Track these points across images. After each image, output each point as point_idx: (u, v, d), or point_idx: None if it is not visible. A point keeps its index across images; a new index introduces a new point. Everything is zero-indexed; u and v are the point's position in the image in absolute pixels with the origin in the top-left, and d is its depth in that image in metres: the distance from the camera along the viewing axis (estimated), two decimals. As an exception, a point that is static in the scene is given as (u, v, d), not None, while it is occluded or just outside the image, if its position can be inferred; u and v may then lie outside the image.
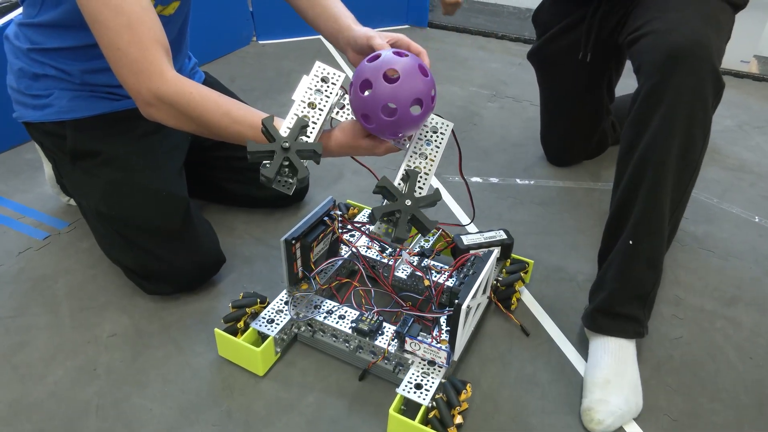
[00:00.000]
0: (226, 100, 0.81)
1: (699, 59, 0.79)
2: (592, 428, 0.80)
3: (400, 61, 0.73)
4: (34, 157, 1.40)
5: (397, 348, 0.84)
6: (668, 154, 0.82)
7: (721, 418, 0.84)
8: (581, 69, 1.27)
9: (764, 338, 0.98)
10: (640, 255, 0.86)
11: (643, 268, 0.86)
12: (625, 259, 0.87)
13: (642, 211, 0.85)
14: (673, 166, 0.82)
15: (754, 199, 1.37)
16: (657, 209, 0.84)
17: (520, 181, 1.41)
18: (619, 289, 0.88)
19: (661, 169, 0.82)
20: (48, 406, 0.82)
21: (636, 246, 0.86)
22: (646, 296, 0.87)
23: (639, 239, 0.85)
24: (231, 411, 0.82)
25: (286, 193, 0.75)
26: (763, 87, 1.99)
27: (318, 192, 1.32)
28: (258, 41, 2.22)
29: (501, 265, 1.02)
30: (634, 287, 0.87)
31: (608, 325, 0.89)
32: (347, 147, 0.81)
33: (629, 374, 0.84)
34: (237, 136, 0.80)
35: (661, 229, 0.85)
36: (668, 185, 0.83)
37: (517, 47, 2.28)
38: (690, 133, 0.81)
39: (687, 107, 0.80)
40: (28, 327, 0.95)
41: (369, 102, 0.72)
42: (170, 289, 1.00)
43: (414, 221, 0.76)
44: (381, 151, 0.83)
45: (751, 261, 1.16)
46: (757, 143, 1.62)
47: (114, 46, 0.77)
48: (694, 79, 0.79)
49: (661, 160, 0.82)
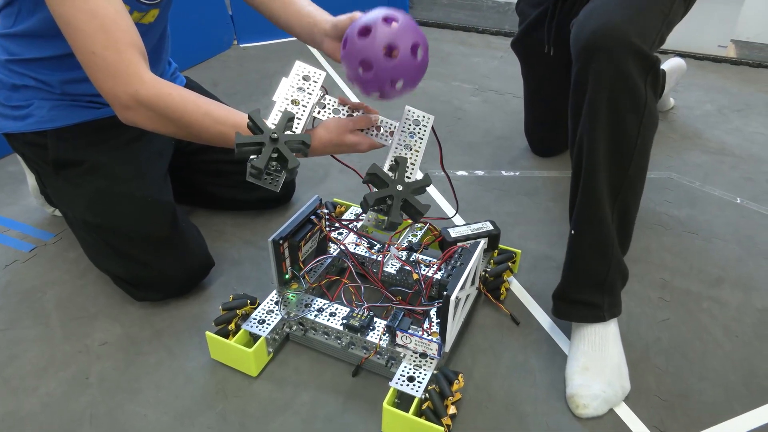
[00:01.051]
0: (206, 100, 0.81)
1: (613, 43, 0.77)
2: (579, 413, 0.81)
3: (396, 12, 0.73)
4: (17, 169, 1.39)
5: (389, 342, 0.84)
6: (597, 140, 0.81)
7: (710, 396, 0.86)
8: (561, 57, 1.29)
9: (750, 317, 1.00)
10: (583, 243, 0.87)
11: (590, 255, 0.87)
12: (571, 249, 0.89)
13: (580, 200, 0.85)
14: (603, 152, 0.81)
15: (735, 181, 1.39)
16: (593, 196, 0.84)
17: (506, 172, 1.42)
18: (570, 277, 0.90)
19: (592, 156, 0.82)
20: (42, 418, 0.82)
21: (578, 235, 0.87)
22: (601, 283, 0.87)
23: (579, 228, 0.87)
24: (226, 413, 0.82)
25: (274, 191, 0.76)
26: (742, 71, 2.01)
27: (304, 192, 1.32)
28: (239, 44, 2.21)
29: (489, 256, 1.03)
30: (584, 275, 0.88)
31: (567, 311, 0.91)
32: (331, 144, 0.82)
33: (609, 358, 0.85)
34: (219, 136, 0.80)
35: (600, 217, 0.84)
36: (601, 171, 0.82)
37: (498, 41, 2.30)
38: (617, 117, 0.80)
39: (608, 92, 0.79)
40: (18, 340, 0.94)
41: (369, 45, 0.71)
42: (160, 296, 1.00)
43: (406, 206, 0.76)
44: (365, 147, 0.84)
45: (734, 242, 1.18)
46: (737, 126, 1.64)
47: (89, 50, 0.76)
48: (612, 64, 0.78)
49: (591, 147, 0.82)
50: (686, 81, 1.88)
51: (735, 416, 0.83)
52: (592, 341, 0.87)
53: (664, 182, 1.38)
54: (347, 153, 0.84)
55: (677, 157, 1.48)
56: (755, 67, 2.03)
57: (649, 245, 1.16)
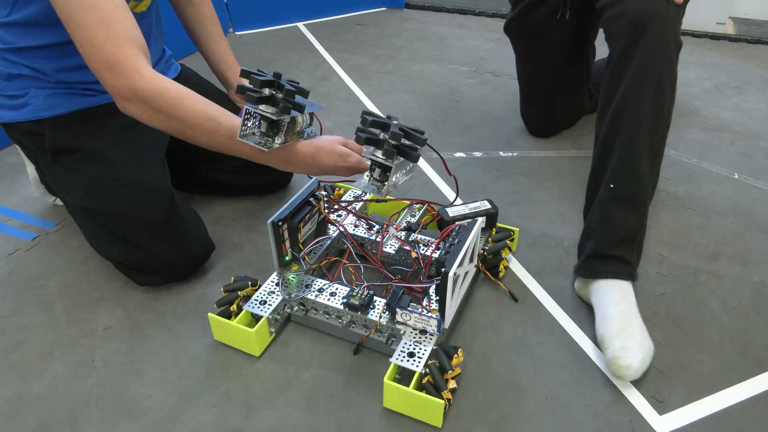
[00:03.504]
0: (203, 99, 0.82)
1: (664, 23, 0.89)
2: (623, 374, 0.82)
3: None
4: (17, 160, 1.40)
5: (389, 320, 0.85)
6: (641, 106, 0.91)
7: (707, 367, 0.87)
8: (560, 36, 1.29)
9: (747, 289, 1.01)
10: (621, 197, 0.91)
11: (626, 210, 0.91)
12: (608, 203, 0.92)
13: (620, 157, 0.92)
14: (648, 115, 0.91)
15: (733, 156, 1.39)
16: (635, 153, 0.91)
17: (504, 153, 1.42)
18: (605, 231, 0.92)
19: (636, 117, 0.91)
20: (49, 400, 0.83)
21: (617, 189, 0.91)
22: (633, 239, 0.91)
23: (619, 182, 0.91)
24: (230, 392, 0.84)
25: (262, 149, 0.80)
26: (740, 47, 2.01)
27: (303, 177, 1.33)
28: (234, 32, 2.21)
29: (487, 234, 1.04)
30: (619, 229, 0.91)
31: (601, 269, 0.92)
32: (323, 151, 0.86)
33: (635, 320, 0.87)
34: (212, 134, 0.82)
35: (640, 172, 0.90)
36: (645, 131, 0.91)
37: (494, 23, 2.29)
38: (660, 88, 0.92)
39: (654, 66, 0.91)
40: (23, 326, 0.96)
41: None
42: (161, 280, 1.01)
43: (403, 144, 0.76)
44: (353, 160, 0.86)
45: (732, 216, 1.19)
46: (735, 103, 1.64)
47: (89, 43, 0.77)
48: (659, 44, 0.90)
49: (636, 109, 0.91)
50: (684, 59, 1.87)
51: (731, 386, 0.84)
52: (621, 302, 0.88)
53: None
54: (332, 168, 0.86)
55: (675, 134, 1.48)
56: (753, 44, 2.02)
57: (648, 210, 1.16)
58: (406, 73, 1.86)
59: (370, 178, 0.80)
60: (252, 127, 0.81)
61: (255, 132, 0.81)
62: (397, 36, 2.17)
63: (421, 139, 0.77)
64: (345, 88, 1.76)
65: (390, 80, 1.81)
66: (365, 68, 1.90)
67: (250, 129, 0.80)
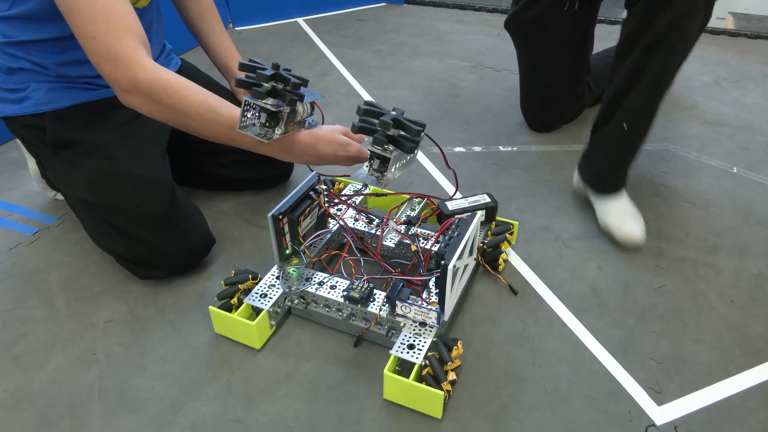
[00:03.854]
0: (203, 90, 0.82)
1: (702, 11, 0.96)
2: (630, 238, 1.06)
3: None
4: (18, 155, 1.40)
5: (389, 312, 0.86)
6: (673, 56, 0.98)
7: (705, 358, 0.87)
8: (561, 29, 1.29)
9: (745, 282, 1.01)
10: (632, 138, 1.08)
11: (633, 148, 1.10)
12: (620, 142, 1.09)
13: (640, 103, 1.03)
14: (675, 68, 1.00)
15: (732, 151, 1.39)
16: (653, 102, 1.03)
17: (503, 148, 1.43)
18: (614, 161, 1.12)
19: (667, 66, 0.99)
20: (51, 392, 0.84)
21: (630, 131, 1.07)
22: (630, 164, 1.12)
23: (636, 123, 1.06)
24: (231, 384, 0.84)
25: (261, 140, 0.80)
26: (740, 42, 2.00)
27: (303, 171, 1.33)
28: (234, 27, 2.21)
29: (486, 228, 1.04)
30: (629, 160, 1.11)
31: (606, 186, 1.13)
32: (323, 140, 0.86)
33: (628, 206, 1.11)
34: (213, 125, 0.82)
35: (652, 117, 1.05)
36: (669, 83, 1.01)
37: (494, 18, 2.29)
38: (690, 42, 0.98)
39: (684, 44, 0.98)
40: (25, 319, 0.96)
41: None
42: (162, 273, 1.01)
43: (398, 133, 0.76)
44: (354, 150, 0.86)
45: (730, 210, 1.19)
46: (735, 97, 1.64)
47: (90, 35, 0.77)
48: (696, 27, 0.98)
49: (668, 58, 0.98)
50: (684, 53, 1.87)
51: (729, 377, 0.84)
52: (619, 202, 1.12)
53: (661, 154, 1.38)
54: (333, 158, 0.86)
55: (674, 129, 1.48)
56: (753, 39, 2.02)
57: (645, 215, 1.17)
58: (406, 69, 1.86)
59: (370, 169, 0.80)
60: (252, 119, 0.81)
61: (255, 123, 0.81)
62: (397, 31, 2.17)
63: (414, 130, 0.76)
64: (345, 84, 1.76)
65: (390, 75, 1.82)
66: (365, 63, 1.90)
67: (250, 120, 0.80)
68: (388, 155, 0.76)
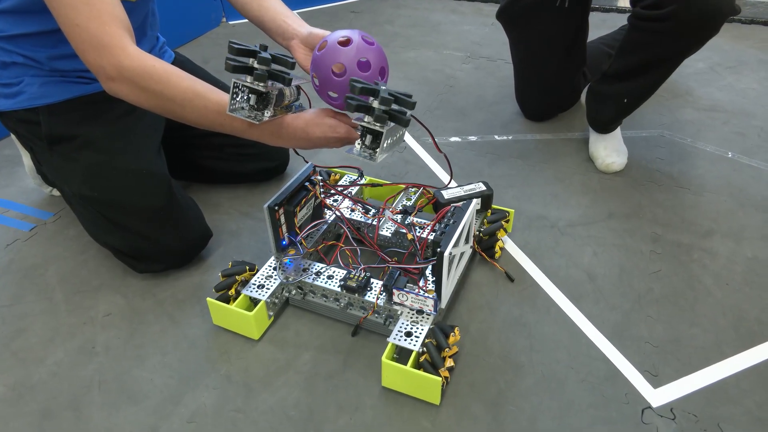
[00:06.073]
0: (190, 76, 0.81)
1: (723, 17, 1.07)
2: (610, 167, 1.27)
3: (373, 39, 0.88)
4: (13, 152, 1.40)
5: (386, 301, 0.86)
6: (682, 55, 1.15)
7: (700, 341, 0.88)
8: (554, 20, 1.29)
9: (740, 265, 1.02)
10: (631, 107, 1.26)
11: (630, 110, 1.26)
12: (620, 106, 1.25)
13: (646, 85, 1.20)
14: (676, 64, 1.16)
15: (727, 136, 1.40)
16: (654, 88, 1.20)
17: (499, 137, 1.43)
18: (614, 118, 1.29)
19: (676, 62, 1.16)
20: (51, 386, 0.84)
21: (630, 104, 1.25)
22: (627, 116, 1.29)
23: (634, 101, 1.24)
24: (230, 374, 0.85)
25: (251, 122, 0.80)
26: (734, 28, 2.00)
27: (299, 162, 1.33)
28: (228, 22, 2.20)
29: (482, 216, 1.05)
30: (622, 116, 1.29)
31: (602, 129, 1.31)
32: (312, 123, 0.83)
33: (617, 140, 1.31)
34: (201, 110, 0.81)
35: (652, 94, 1.23)
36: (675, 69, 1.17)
37: (488, 8, 2.28)
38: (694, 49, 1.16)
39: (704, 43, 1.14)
40: (24, 314, 0.96)
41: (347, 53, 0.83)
42: (160, 267, 1.02)
43: (393, 109, 0.76)
44: (342, 130, 0.83)
45: (725, 194, 1.19)
46: (729, 83, 1.64)
47: (73, 22, 0.76)
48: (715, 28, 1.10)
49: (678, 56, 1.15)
50: (678, 40, 1.87)
51: (724, 359, 0.85)
52: (608, 139, 1.30)
53: (655, 140, 1.38)
54: (323, 140, 0.84)
55: (669, 115, 1.49)
56: (747, 24, 2.02)
57: (641, 201, 1.17)
58: (400, 60, 1.86)
59: (362, 146, 0.79)
60: (241, 102, 0.80)
61: (244, 106, 0.80)
62: (391, 23, 2.17)
63: (410, 102, 0.76)
64: (339, 76, 1.76)
65: (384, 67, 1.81)
66: (359, 55, 1.89)
67: (239, 103, 0.80)
68: (381, 130, 0.76)
